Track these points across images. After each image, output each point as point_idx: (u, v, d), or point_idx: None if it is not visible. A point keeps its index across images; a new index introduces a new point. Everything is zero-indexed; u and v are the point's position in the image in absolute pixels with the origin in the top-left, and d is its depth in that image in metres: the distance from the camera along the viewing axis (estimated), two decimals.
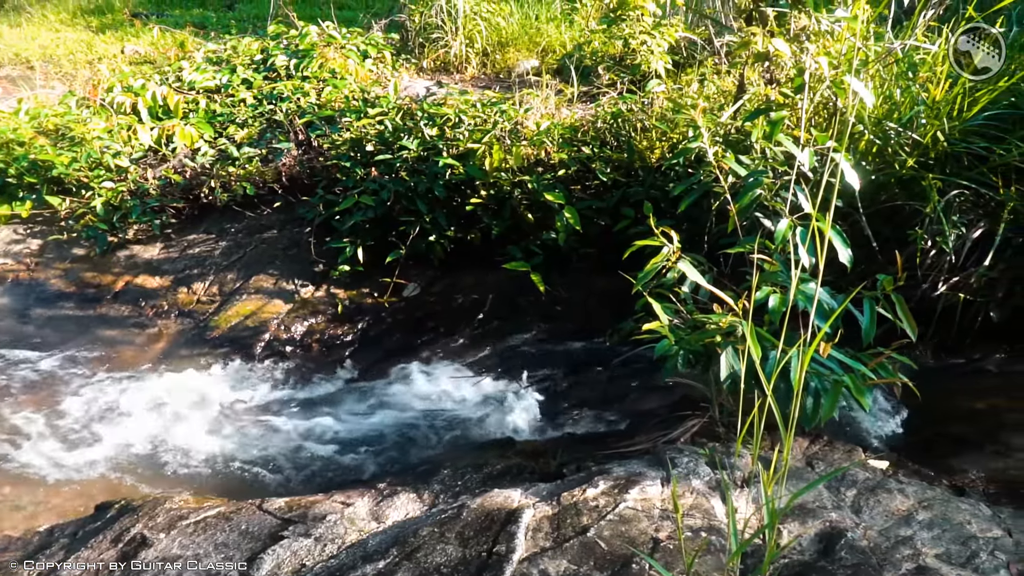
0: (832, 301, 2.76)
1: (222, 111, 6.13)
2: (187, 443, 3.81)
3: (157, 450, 3.76)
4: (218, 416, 4.00)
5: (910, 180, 3.74)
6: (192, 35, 8.26)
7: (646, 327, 2.91)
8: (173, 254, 5.24)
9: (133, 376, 4.30)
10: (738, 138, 4.03)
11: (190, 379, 4.28)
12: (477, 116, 5.05)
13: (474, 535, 2.47)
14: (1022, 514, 2.64)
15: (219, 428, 3.92)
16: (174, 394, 4.14)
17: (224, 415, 4.02)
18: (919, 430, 3.47)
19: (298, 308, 4.71)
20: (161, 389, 4.18)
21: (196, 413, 4.01)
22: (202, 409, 4.05)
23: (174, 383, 4.24)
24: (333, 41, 6.84)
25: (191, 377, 4.29)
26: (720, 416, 3.24)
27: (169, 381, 4.25)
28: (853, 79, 2.72)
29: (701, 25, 6.55)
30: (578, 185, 4.71)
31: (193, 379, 4.28)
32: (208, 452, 3.75)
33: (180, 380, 4.26)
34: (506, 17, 7.48)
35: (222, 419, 3.99)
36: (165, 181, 5.45)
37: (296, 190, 5.39)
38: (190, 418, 3.97)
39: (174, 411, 4.02)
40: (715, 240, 3.96)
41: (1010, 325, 3.82)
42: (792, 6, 3.75)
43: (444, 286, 4.85)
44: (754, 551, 2.31)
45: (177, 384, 4.24)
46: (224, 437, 3.86)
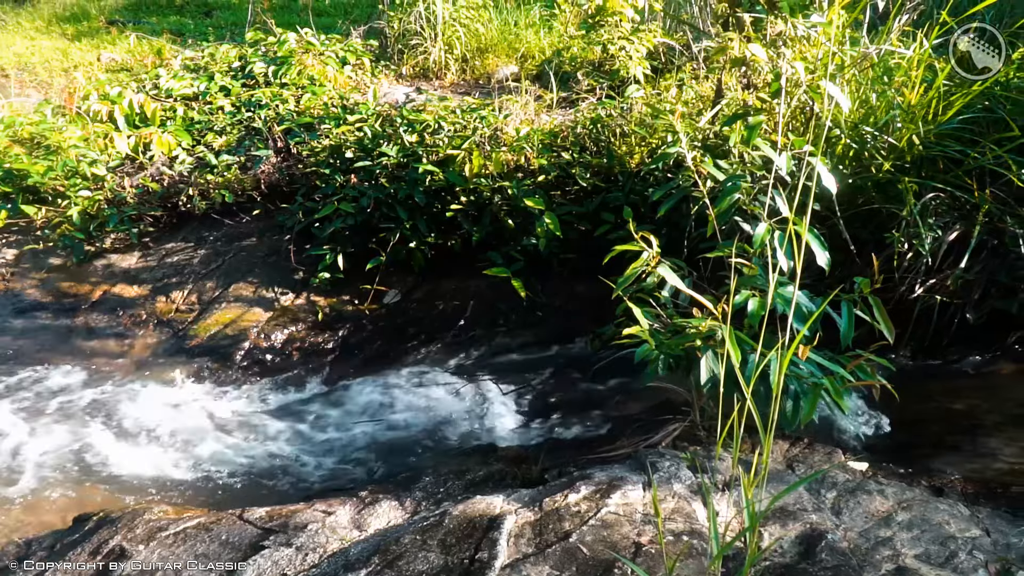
0: (811, 304, 2.78)
1: (200, 118, 6.10)
2: (166, 453, 3.78)
3: (136, 461, 3.72)
4: (198, 426, 3.97)
5: (887, 183, 3.77)
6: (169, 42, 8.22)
7: (626, 332, 2.92)
8: (151, 263, 5.20)
9: (111, 386, 4.26)
10: (716, 143, 4.05)
11: (169, 388, 4.24)
12: (457, 122, 5.04)
13: (456, 542, 2.46)
14: (1000, 514, 2.66)
15: (199, 438, 3.89)
16: (153, 404, 4.11)
17: (204, 424, 3.99)
18: (898, 431, 3.50)
19: (278, 316, 4.69)
20: (139, 399, 4.14)
21: (175, 423, 3.98)
22: (181, 419, 4.01)
23: (153, 393, 4.20)
24: (312, 48, 6.82)
25: (170, 386, 4.26)
26: (701, 420, 3.25)
27: (147, 391, 4.21)
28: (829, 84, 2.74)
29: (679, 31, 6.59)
30: (558, 191, 4.72)
31: (172, 388, 4.25)
32: (188, 462, 3.72)
33: (159, 390, 4.23)
34: (485, 23, 7.49)
35: (202, 429, 3.95)
36: (143, 189, 5.40)
37: (275, 197, 5.36)
38: (169, 428, 3.94)
39: (153, 421, 3.98)
40: (695, 244, 3.98)
41: (986, 327, 3.86)
42: (768, 12, 3.78)
43: (425, 293, 4.84)
44: (736, 554, 2.32)
45: (156, 394, 4.20)
46: (204, 447, 3.83)
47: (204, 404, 4.14)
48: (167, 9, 11.08)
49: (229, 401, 4.19)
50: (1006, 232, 3.65)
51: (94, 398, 4.16)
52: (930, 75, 3.78)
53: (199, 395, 4.22)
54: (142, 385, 4.27)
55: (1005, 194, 3.62)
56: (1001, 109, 3.70)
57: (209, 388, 4.28)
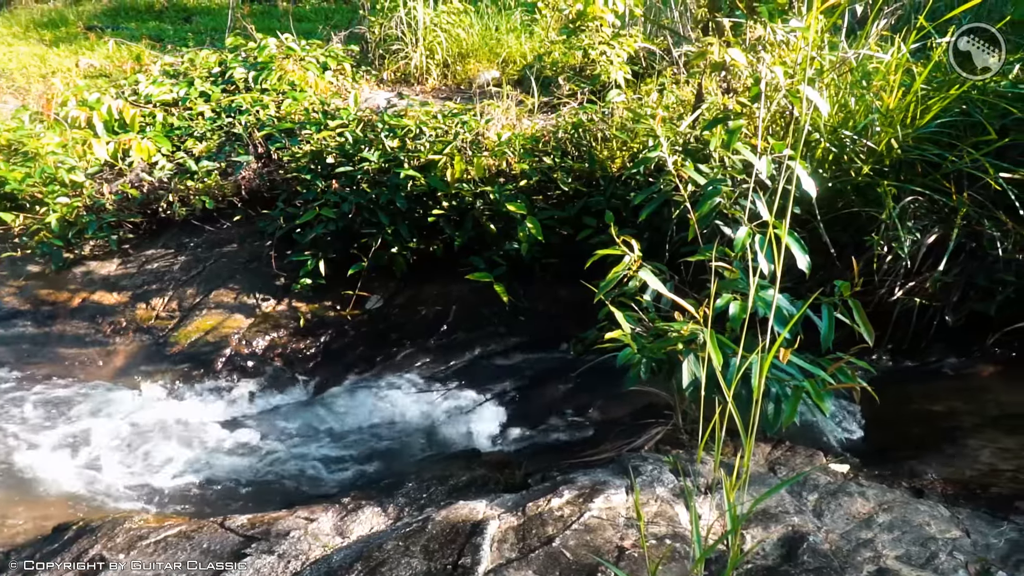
0: (791, 307, 2.79)
1: (180, 124, 6.07)
2: (147, 461, 3.75)
3: (116, 469, 3.69)
4: (179, 433, 3.94)
5: (866, 187, 3.80)
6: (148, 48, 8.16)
7: (609, 336, 2.92)
8: (131, 270, 5.16)
9: (90, 394, 4.22)
10: (697, 147, 4.07)
11: (149, 396, 4.21)
12: (438, 127, 5.04)
13: (439, 548, 2.45)
14: (979, 514, 2.68)
15: (180, 445, 3.86)
16: (133, 412, 4.07)
17: (185, 432, 3.96)
18: (878, 433, 3.52)
19: (259, 322, 4.66)
20: (119, 407, 4.11)
21: (156, 431, 3.95)
22: (162, 426, 3.98)
23: (133, 400, 4.17)
24: (292, 53, 6.80)
25: (150, 394, 4.23)
26: (683, 423, 3.26)
27: (127, 399, 4.18)
28: (808, 88, 2.77)
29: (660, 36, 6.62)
30: (540, 195, 4.72)
31: (152, 396, 4.22)
32: (169, 470, 3.69)
33: (139, 397, 4.20)
34: (466, 28, 7.49)
35: (183, 436, 3.92)
36: (122, 196, 5.36)
37: (256, 203, 5.33)
38: (150, 436, 3.91)
39: (133, 429, 3.95)
40: (676, 248, 3.99)
41: (964, 329, 3.89)
42: (747, 17, 3.80)
43: (407, 298, 4.83)
44: (718, 557, 2.32)
45: (136, 401, 4.17)
46: (185, 454, 3.80)
47: (185, 411, 4.11)
48: (146, 15, 11.01)
49: (210, 408, 4.16)
50: (984, 235, 3.68)
51: (73, 406, 4.12)
52: (908, 79, 3.81)
53: (179, 402, 4.19)
54: (122, 393, 4.23)
55: (983, 197, 3.66)
56: (978, 113, 3.73)
57: (190, 395, 4.25)
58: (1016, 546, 2.43)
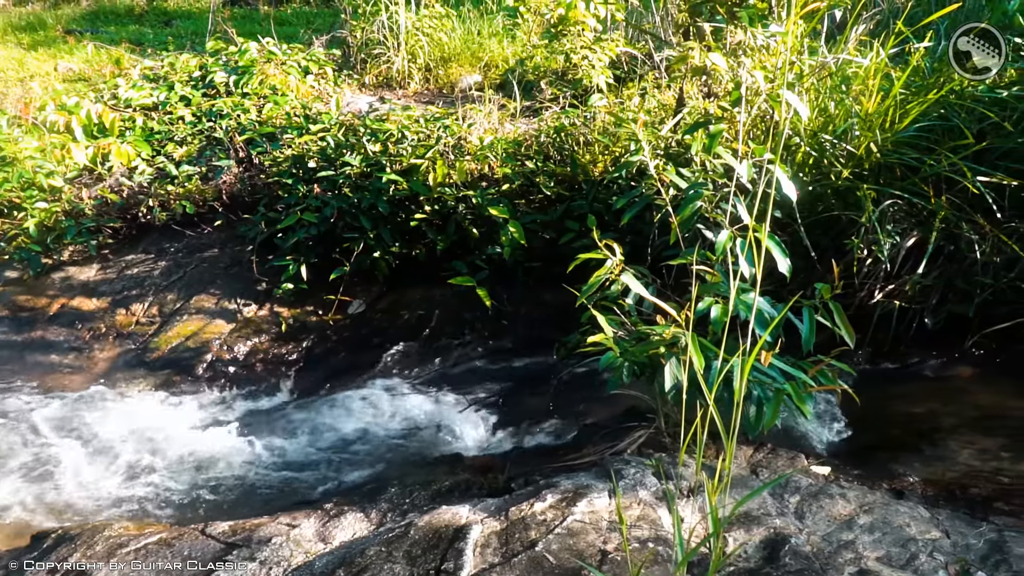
0: (772, 310, 2.80)
1: (160, 129, 6.03)
2: (127, 468, 3.71)
3: (96, 476, 3.66)
4: (159, 440, 3.91)
5: (846, 191, 3.82)
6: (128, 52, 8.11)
7: (591, 340, 2.92)
8: (110, 275, 5.12)
9: (70, 400, 4.18)
10: (679, 151, 4.08)
11: (129, 402, 4.18)
12: (420, 131, 5.03)
13: (422, 553, 2.44)
14: (959, 515, 2.70)
15: (160, 452, 3.83)
16: (113, 418, 4.04)
17: (165, 438, 3.92)
18: (859, 435, 3.54)
19: (241, 327, 4.64)
20: (99, 413, 4.07)
21: (136, 437, 3.91)
22: (142, 433, 3.95)
23: (113, 407, 4.13)
24: (273, 57, 6.78)
25: (130, 400, 4.19)
26: (666, 426, 3.26)
27: (107, 405, 4.15)
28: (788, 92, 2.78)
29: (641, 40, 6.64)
30: (522, 199, 4.72)
31: (133, 402, 4.18)
32: (149, 477, 3.66)
33: (119, 404, 4.16)
34: (448, 32, 7.49)
35: (163, 443, 3.89)
36: (101, 201, 5.33)
37: (237, 208, 5.31)
38: (129, 442, 3.87)
39: (113, 436, 3.91)
40: (658, 252, 4.00)
41: (944, 331, 3.92)
42: (728, 21, 3.82)
43: (390, 302, 4.82)
44: (701, 560, 2.33)
45: (116, 408, 4.13)
46: (165, 461, 3.77)
47: (166, 417, 4.08)
48: (126, 18, 10.95)
49: (191, 414, 4.13)
50: (962, 238, 3.72)
51: (52, 413, 4.08)
52: (887, 84, 3.84)
53: (160, 408, 4.16)
54: (102, 399, 4.20)
55: (961, 201, 3.69)
56: (956, 117, 3.77)
57: (171, 401, 4.22)
58: (995, 546, 2.44)
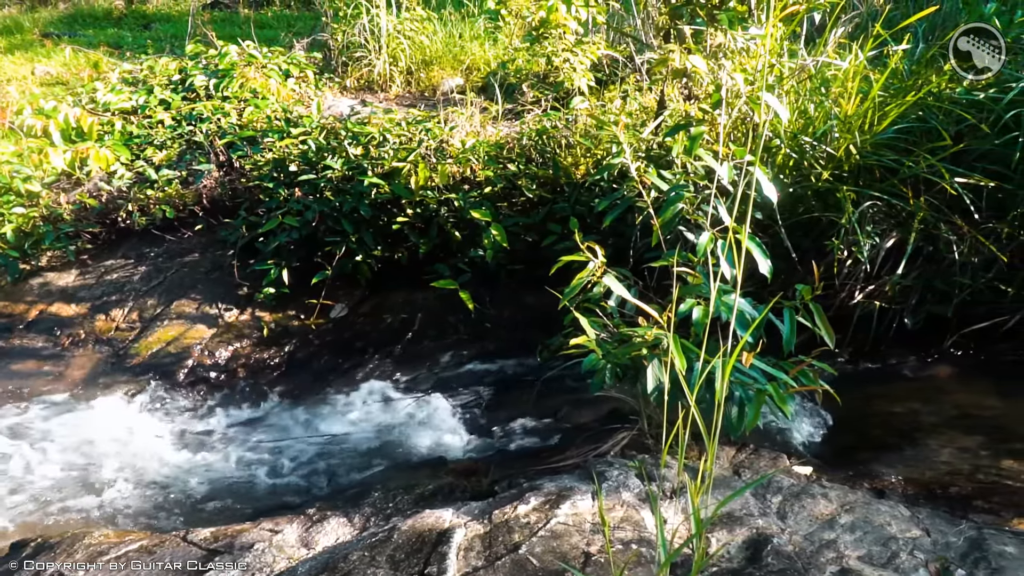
0: (753, 311, 2.81)
1: (139, 133, 5.98)
2: (108, 475, 3.68)
3: (76, 484, 3.62)
4: (140, 446, 3.88)
5: (826, 192, 3.85)
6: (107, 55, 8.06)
7: (573, 342, 2.93)
8: (89, 280, 5.07)
9: (48, 408, 4.14)
10: (660, 153, 4.10)
11: (109, 409, 4.14)
12: (402, 134, 5.02)
13: (405, 557, 2.43)
14: (939, 514, 2.72)
15: (141, 458, 3.80)
16: (93, 425, 4.00)
17: (146, 445, 3.89)
18: (840, 435, 3.56)
19: (222, 332, 4.61)
20: (79, 420, 4.03)
21: (116, 444, 3.88)
22: (123, 440, 3.91)
23: (92, 414, 4.09)
24: (254, 60, 6.74)
25: (111, 407, 4.15)
26: (649, 428, 3.27)
27: (87, 412, 4.11)
28: (768, 95, 2.80)
29: (622, 43, 6.66)
30: (504, 202, 4.72)
31: (113, 409, 4.14)
32: (130, 484, 3.63)
33: (99, 410, 4.12)
34: (430, 35, 7.48)
35: (144, 449, 3.86)
36: (80, 205, 5.28)
37: (218, 212, 5.28)
38: (110, 449, 3.84)
39: (93, 443, 3.88)
40: (640, 254, 4.01)
41: (923, 331, 3.96)
42: (708, 24, 3.84)
43: (372, 306, 4.80)
44: (684, 561, 2.33)
45: (96, 414, 4.09)
46: (147, 467, 3.74)
47: (146, 424, 4.05)
48: (104, 21, 10.86)
49: (172, 420, 4.10)
50: (940, 239, 3.75)
51: (31, 420, 4.04)
52: (866, 86, 3.87)
53: (141, 415, 4.13)
54: (81, 405, 4.16)
55: (939, 202, 3.72)
56: (934, 119, 3.80)
57: (151, 407, 4.18)
58: (974, 544, 2.46)
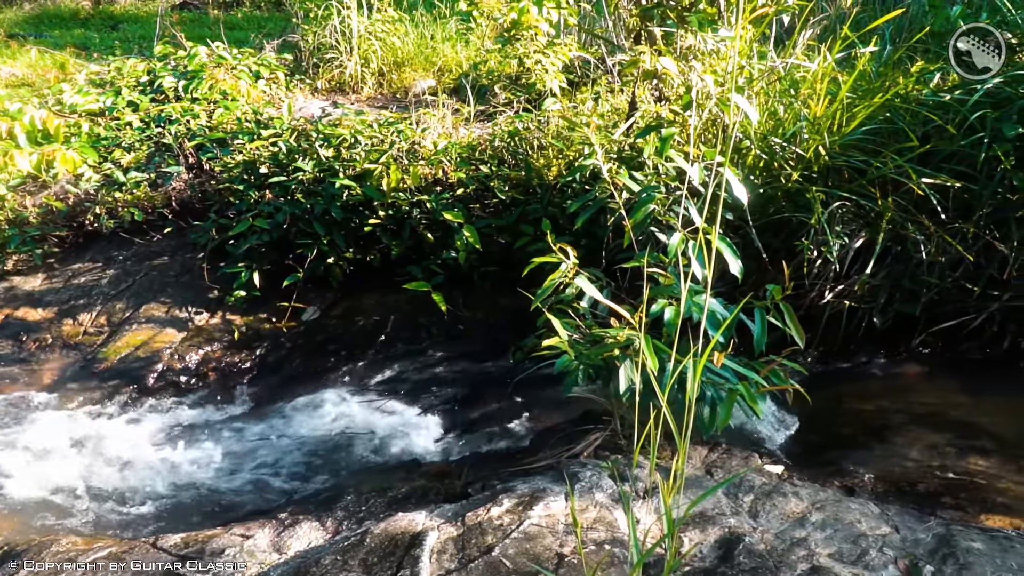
0: (725, 311, 2.83)
1: (107, 135, 5.90)
2: (76, 482, 3.62)
3: (43, 491, 3.56)
4: (109, 452, 3.82)
5: (796, 193, 3.88)
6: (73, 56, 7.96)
7: (546, 343, 2.93)
8: (57, 284, 5.00)
9: (14, 413, 4.07)
10: (632, 155, 4.11)
11: (78, 414, 4.08)
12: (374, 136, 5.00)
13: (378, 561, 2.42)
14: (908, 511, 2.75)
15: (111, 464, 3.74)
16: (60, 431, 3.94)
17: (116, 450, 3.84)
18: (811, 434, 3.59)
19: (192, 336, 4.56)
20: (46, 426, 3.97)
21: (85, 450, 3.83)
22: (91, 445, 3.86)
23: (61, 419, 4.03)
24: (223, 62, 6.68)
25: (79, 412, 4.10)
26: (622, 429, 3.28)
27: (55, 417, 4.04)
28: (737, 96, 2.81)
29: (594, 44, 6.68)
30: (477, 204, 4.71)
31: (81, 414, 4.09)
32: (99, 490, 3.58)
33: (67, 416, 4.06)
34: (402, 37, 7.45)
35: (114, 455, 3.81)
36: (46, 209, 5.21)
37: (187, 215, 5.22)
38: (78, 455, 3.78)
39: (60, 448, 3.82)
40: (613, 255, 4.02)
41: (891, 330, 4.00)
42: (678, 26, 3.86)
43: (344, 309, 4.78)
44: (657, 561, 2.34)
45: (64, 420, 4.03)
46: (116, 473, 3.69)
47: (115, 429, 3.99)
48: (71, 22, 10.73)
49: (142, 425, 4.05)
50: (908, 239, 3.79)
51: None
52: (834, 88, 3.91)
53: (110, 420, 4.07)
54: (49, 411, 4.09)
55: (906, 202, 3.76)
56: (901, 120, 3.85)
57: (121, 412, 4.13)
58: (942, 540, 2.49)
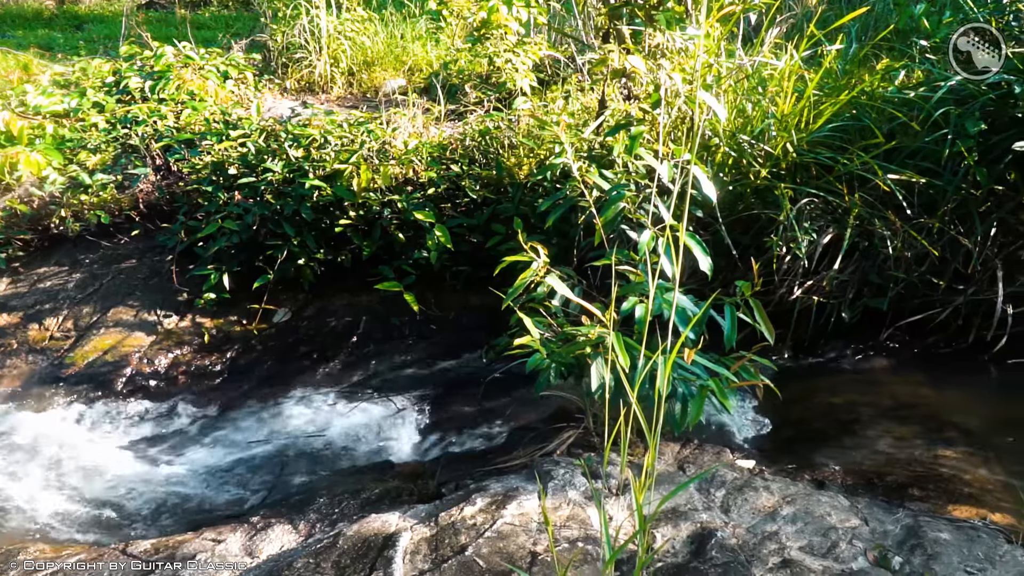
0: (695, 308, 2.85)
1: (72, 136, 5.82)
2: (44, 489, 3.57)
3: (9, 498, 3.51)
4: (77, 457, 3.77)
5: (764, 190, 3.91)
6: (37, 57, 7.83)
7: (518, 342, 2.93)
8: (21, 288, 4.93)
9: None
10: (601, 153, 4.12)
11: (44, 420, 4.02)
12: (344, 136, 4.97)
13: (351, 563, 2.41)
14: (877, 503, 2.79)
15: (79, 470, 3.69)
16: (27, 437, 3.88)
17: (84, 456, 3.79)
18: (781, 428, 3.63)
19: (162, 340, 4.51)
20: (12, 432, 3.91)
21: (52, 456, 3.77)
22: (59, 451, 3.80)
23: (27, 425, 3.97)
24: (191, 62, 6.61)
25: (45, 418, 4.04)
26: (594, 426, 3.29)
27: (21, 423, 3.98)
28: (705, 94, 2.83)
29: (564, 43, 6.69)
30: (448, 203, 4.70)
31: (48, 420, 4.03)
32: (66, 496, 3.53)
33: (33, 422, 4.00)
34: (371, 36, 7.42)
35: (81, 460, 3.76)
36: (10, 212, 5.12)
37: (155, 217, 5.17)
38: (45, 462, 3.73)
39: (27, 455, 3.76)
40: (584, 253, 4.03)
41: (860, 324, 4.05)
42: (646, 24, 3.87)
43: (316, 310, 4.75)
44: (630, 557, 2.35)
45: (30, 426, 3.97)
46: (84, 479, 3.64)
47: (83, 434, 3.94)
48: (34, 22, 10.57)
49: (111, 430, 4.00)
50: (875, 234, 3.84)
51: None
52: (801, 85, 3.94)
53: (78, 425, 4.02)
54: (15, 417, 4.03)
55: (873, 198, 3.81)
56: (867, 117, 3.89)
57: (88, 417, 4.08)
58: (911, 531, 2.53)
